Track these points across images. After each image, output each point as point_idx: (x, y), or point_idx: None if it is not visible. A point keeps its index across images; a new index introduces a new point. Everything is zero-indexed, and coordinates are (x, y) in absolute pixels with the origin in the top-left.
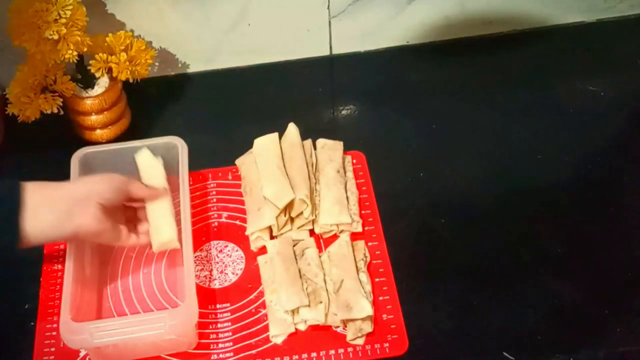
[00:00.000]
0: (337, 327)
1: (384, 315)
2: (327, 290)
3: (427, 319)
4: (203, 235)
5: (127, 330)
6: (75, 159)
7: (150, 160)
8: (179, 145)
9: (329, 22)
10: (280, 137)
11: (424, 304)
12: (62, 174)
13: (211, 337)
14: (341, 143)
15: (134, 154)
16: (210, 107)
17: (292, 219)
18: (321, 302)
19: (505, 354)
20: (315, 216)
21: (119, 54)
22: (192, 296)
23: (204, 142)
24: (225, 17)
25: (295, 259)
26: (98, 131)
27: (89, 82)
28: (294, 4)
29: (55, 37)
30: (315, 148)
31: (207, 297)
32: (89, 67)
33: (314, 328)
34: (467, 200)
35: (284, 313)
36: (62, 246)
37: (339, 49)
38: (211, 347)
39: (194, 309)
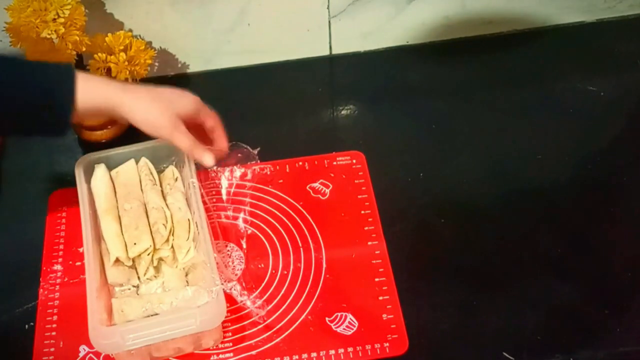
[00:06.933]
0: (337, 326)
1: (384, 315)
2: None
3: (427, 319)
4: None
5: (158, 329)
6: (80, 166)
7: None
8: None
9: (329, 22)
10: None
11: (424, 304)
12: (62, 172)
13: None
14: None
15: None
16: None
17: None
18: None
19: (505, 354)
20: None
21: (118, 53)
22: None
23: None
24: (225, 17)
25: None
26: (97, 132)
27: None
28: (294, 4)
29: (54, 36)
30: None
31: None
32: (87, 67)
33: (315, 328)
34: (467, 200)
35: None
36: (61, 246)
37: (339, 49)
38: (211, 348)
39: (223, 301)
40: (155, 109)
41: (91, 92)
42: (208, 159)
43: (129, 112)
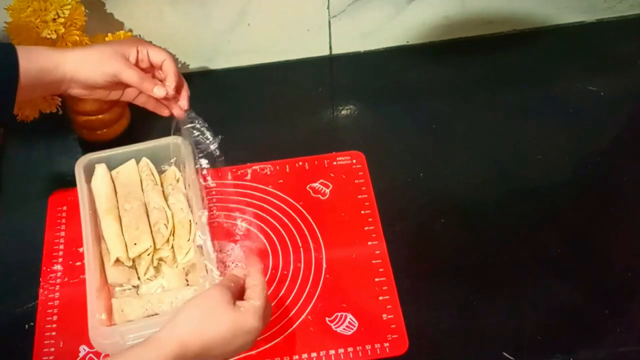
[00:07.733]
0: (337, 326)
1: (384, 315)
2: None
3: (427, 319)
4: None
5: (158, 329)
6: (80, 166)
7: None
8: (182, 146)
9: (329, 22)
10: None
11: (424, 304)
12: (62, 172)
13: None
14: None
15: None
16: (209, 107)
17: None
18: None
19: (505, 354)
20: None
21: None
22: None
23: None
24: (225, 17)
25: None
26: (97, 131)
27: None
28: (294, 4)
29: (54, 36)
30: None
31: None
32: None
33: (315, 328)
34: (467, 200)
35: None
36: (61, 246)
37: (339, 49)
38: None
39: None
40: (97, 53)
41: (32, 59)
42: (159, 90)
43: (70, 64)
